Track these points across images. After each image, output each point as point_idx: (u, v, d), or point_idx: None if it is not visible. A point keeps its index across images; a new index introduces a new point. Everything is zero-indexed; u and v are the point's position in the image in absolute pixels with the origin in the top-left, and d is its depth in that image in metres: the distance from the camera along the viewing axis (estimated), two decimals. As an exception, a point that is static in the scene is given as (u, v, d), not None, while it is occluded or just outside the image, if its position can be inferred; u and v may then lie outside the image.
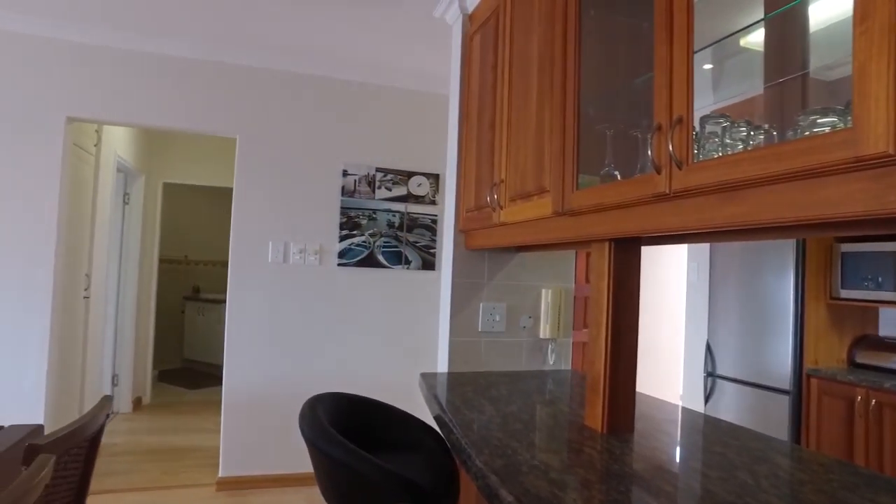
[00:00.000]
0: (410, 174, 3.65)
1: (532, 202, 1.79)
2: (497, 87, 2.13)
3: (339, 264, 3.53)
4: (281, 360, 3.47)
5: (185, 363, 7.18)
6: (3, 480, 1.47)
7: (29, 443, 1.09)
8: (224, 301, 6.80)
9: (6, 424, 1.87)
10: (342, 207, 3.53)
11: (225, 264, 7.52)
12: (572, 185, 1.55)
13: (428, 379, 2.21)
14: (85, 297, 3.78)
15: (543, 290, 2.56)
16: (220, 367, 6.74)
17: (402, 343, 3.67)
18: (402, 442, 2.02)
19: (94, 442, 1.46)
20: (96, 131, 3.82)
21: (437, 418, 1.83)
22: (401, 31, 3.11)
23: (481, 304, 2.47)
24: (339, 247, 3.53)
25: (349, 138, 3.60)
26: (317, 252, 3.49)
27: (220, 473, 3.41)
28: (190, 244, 7.45)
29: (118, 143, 4.36)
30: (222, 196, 6.82)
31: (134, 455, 3.91)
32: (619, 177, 1.54)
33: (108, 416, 1.53)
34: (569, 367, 2.60)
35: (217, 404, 5.35)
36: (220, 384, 6.17)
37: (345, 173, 3.55)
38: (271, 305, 3.45)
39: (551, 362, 2.56)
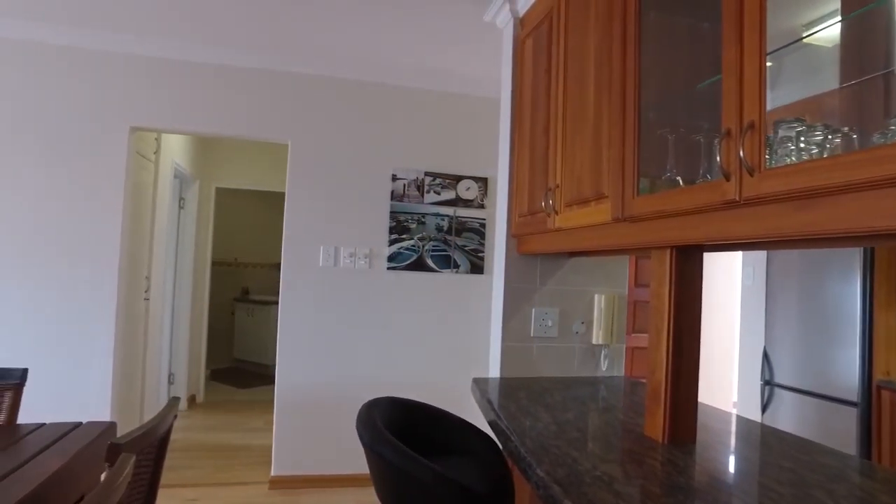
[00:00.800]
0: (459, 178, 3.66)
1: (589, 208, 1.77)
2: (551, 91, 2.11)
3: (388, 268, 3.57)
4: (331, 362, 3.53)
5: (235, 363, 7.38)
6: (86, 473, 1.55)
7: (111, 441, 1.15)
8: (272, 303, 6.96)
9: (76, 420, 1.96)
10: (391, 212, 3.57)
11: (273, 266, 7.69)
12: (633, 191, 1.53)
13: (481, 384, 2.21)
14: (145, 299, 3.92)
15: (596, 296, 2.53)
16: (268, 367, 6.93)
17: (451, 347, 3.69)
18: (455, 447, 2.02)
19: (163, 441, 1.52)
20: (156, 139, 3.97)
21: (492, 424, 1.83)
22: (449, 36, 3.13)
23: (533, 310, 2.45)
24: (388, 251, 3.57)
25: (398, 143, 3.64)
26: (366, 256, 3.54)
27: (273, 472, 3.48)
28: (239, 247, 7.64)
29: (175, 150, 4.51)
30: (270, 199, 6.99)
31: (190, 451, 4.03)
32: (681, 182, 1.51)
33: (175, 416, 1.58)
34: (622, 374, 2.55)
35: (266, 403, 5.47)
36: (269, 384, 6.34)
37: (394, 178, 3.59)
38: (322, 308, 3.51)
39: (604, 368, 2.53)
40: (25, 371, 2.02)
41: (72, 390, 3.16)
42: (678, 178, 1.52)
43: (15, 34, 3.18)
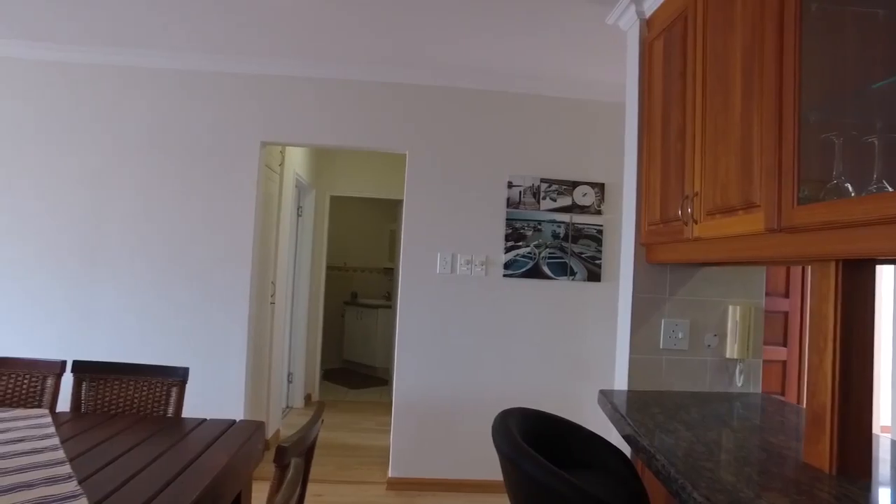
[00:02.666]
0: (575, 184, 3.60)
1: (737, 217, 1.68)
2: (686, 94, 2.02)
3: (504, 275, 3.57)
4: (448, 367, 3.58)
5: (345, 364, 7.67)
6: (244, 469, 1.68)
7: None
8: (380, 306, 7.20)
9: (213, 418, 2.12)
10: (507, 219, 3.57)
11: (380, 271, 7.95)
12: (792, 199, 1.42)
13: (609, 396, 2.15)
14: (271, 303, 4.17)
15: (731, 307, 2.39)
16: (376, 369, 7.16)
17: (567, 355, 3.63)
18: (586, 461, 1.98)
19: (313, 443, 1.60)
20: (281, 152, 4.22)
21: (629, 439, 1.77)
22: (567, 41, 3.08)
23: (663, 321, 2.36)
24: (504, 258, 3.57)
25: (514, 150, 3.64)
26: (483, 263, 3.56)
27: (390, 473, 3.58)
28: (348, 251, 7.95)
29: (296, 161, 4.77)
30: (378, 206, 7.24)
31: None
32: (851, 190, 1.39)
33: (322, 420, 1.67)
34: (759, 391, 2.40)
35: (376, 405, 5.66)
36: (378, 385, 6.55)
37: (510, 185, 3.59)
38: (439, 315, 3.57)
39: (739, 384, 2.38)
40: (187, 370, 2.22)
41: (212, 388, 3.41)
42: (847, 184, 1.40)
43: (167, 65, 3.51)
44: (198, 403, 3.35)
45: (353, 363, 7.59)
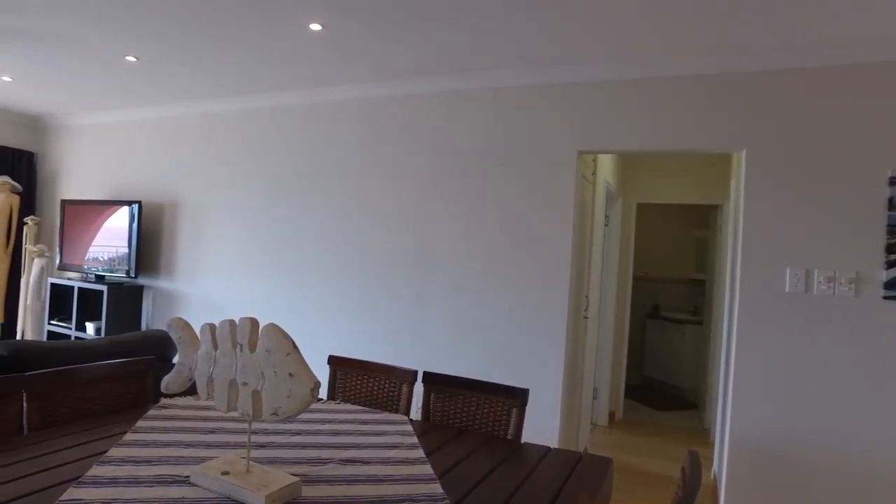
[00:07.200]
0: None
1: None
2: None
3: (884, 297, 2.78)
4: (801, 409, 2.92)
5: (645, 380, 7.20)
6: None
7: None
8: (686, 321, 6.57)
9: (533, 441, 2.03)
10: (888, 224, 2.78)
11: (685, 282, 7.28)
12: None
13: None
14: (585, 318, 4.05)
15: None
16: (682, 390, 6.55)
17: None
18: None
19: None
20: (593, 160, 4.08)
21: None
22: None
23: None
24: (884, 275, 2.79)
25: (896, 136, 2.84)
26: (851, 281, 2.84)
27: (723, 520, 3.11)
28: (649, 261, 7.46)
29: (605, 168, 4.60)
30: (681, 212, 6.66)
31: (622, 473, 3.97)
32: None
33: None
34: None
35: (688, 431, 5.16)
36: (686, 408, 5.95)
37: (892, 181, 2.80)
38: (789, 342, 2.96)
39: None
40: (527, 392, 2.19)
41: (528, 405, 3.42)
42: None
43: (484, 85, 3.71)
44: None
45: (654, 381, 7.08)
